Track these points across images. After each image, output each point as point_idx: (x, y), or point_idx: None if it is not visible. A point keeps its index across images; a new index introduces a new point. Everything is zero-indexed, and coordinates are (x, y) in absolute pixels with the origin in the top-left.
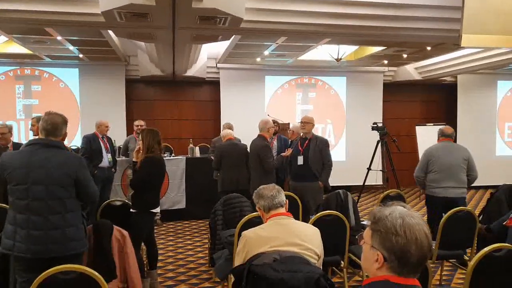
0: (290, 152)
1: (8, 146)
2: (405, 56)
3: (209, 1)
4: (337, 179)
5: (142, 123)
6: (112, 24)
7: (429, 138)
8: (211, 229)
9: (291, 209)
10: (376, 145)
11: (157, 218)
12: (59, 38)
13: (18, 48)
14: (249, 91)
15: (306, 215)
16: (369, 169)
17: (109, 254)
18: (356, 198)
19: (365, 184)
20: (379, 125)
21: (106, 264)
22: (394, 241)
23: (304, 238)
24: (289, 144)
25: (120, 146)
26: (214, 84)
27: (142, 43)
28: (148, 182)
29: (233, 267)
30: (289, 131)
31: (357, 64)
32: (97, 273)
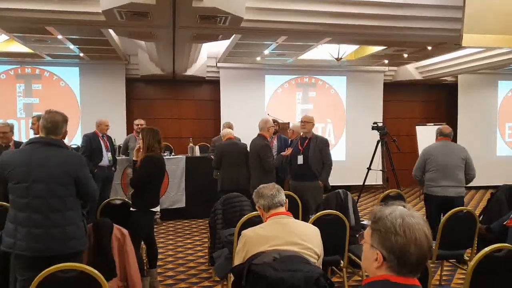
0: (290, 152)
1: (10, 145)
2: (406, 56)
3: (210, 0)
4: (337, 179)
5: (142, 122)
6: (113, 23)
7: (430, 138)
8: (211, 228)
9: (291, 209)
10: (376, 145)
11: (157, 217)
12: (60, 37)
13: (19, 47)
14: (249, 90)
15: (306, 215)
16: (369, 169)
17: (109, 253)
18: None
19: (365, 184)
20: (379, 125)
21: (106, 263)
22: (394, 241)
23: (304, 238)
24: (289, 144)
25: (120, 145)
26: (214, 83)
27: (143, 42)
28: (148, 181)
29: (233, 266)
30: (289, 131)
31: (358, 64)
32: (97, 272)
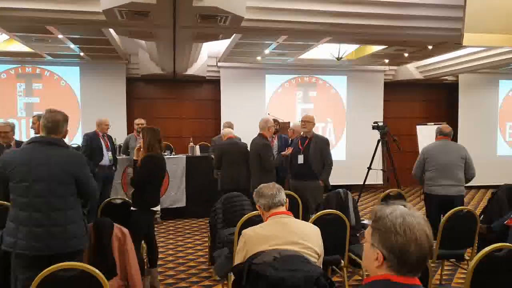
0: (290, 151)
1: (11, 145)
2: (406, 55)
3: (210, 0)
4: (338, 178)
5: (143, 122)
6: (113, 23)
7: (430, 138)
8: (211, 228)
9: (291, 208)
10: (377, 144)
11: (157, 216)
12: (60, 37)
13: (20, 46)
14: (250, 90)
15: (306, 214)
16: (370, 168)
17: (110, 252)
18: (356, 197)
19: (366, 184)
20: (380, 124)
21: (106, 262)
22: (394, 240)
23: (304, 237)
24: (290, 143)
25: (121, 145)
26: (215, 83)
27: (143, 42)
28: (149, 181)
29: (233, 266)
30: (290, 130)
31: (358, 63)
32: (98, 271)
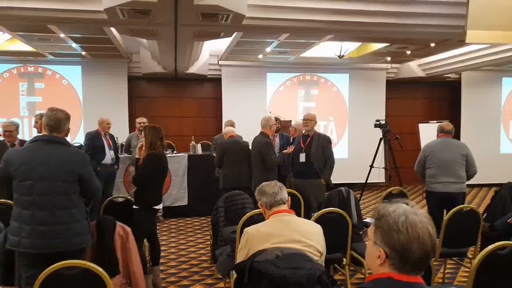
0: (292, 149)
1: (15, 143)
2: (409, 53)
3: None
4: (340, 177)
5: (144, 120)
6: (115, 21)
7: (432, 136)
8: (213, 226)
9: (293, 206)
10: (379, 143)
11: (159, 215)
12: (62, 36)
13: (22, 46)
14: (251, 88)
15: (308, 212)
16: (372, 167)
17: (112, 250)
18: (359, 196)
19: (368, 182)
20: (382, 123)
21: (109, 260)
22: (396, 238)
23: (306, 235)
24: (291, 141)
25: (123, 143)
26: (216, 81)
27: (144, 40)
28: (151, 179)
29: (235, 264)
30: (291, 128)
31: (360, 61)
32: (101, 269)
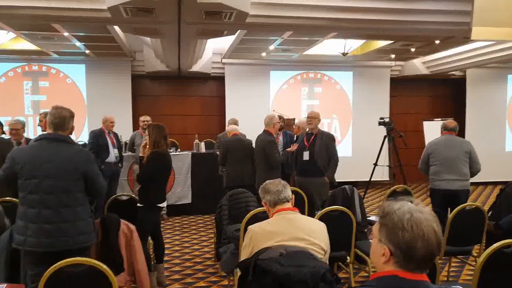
0: (296, 147)
1: (21, 142)
2: (413, 50)
3: None
4: (343, 175)
5: (148, 119)
6: (118, 20)
7: (437, 134)
8: (217, 224)
9: (297, 204)
10: (383, 141)
11: (163, 213)
12: (66, 34)
13: (26, 45)
14: (254, 87)
15: (312, 211)
16: (376, 165)
17: (117, 248)
18: (363, 194)
19: (372, 180)
20: (386, 120)
21: (114, 258)
22: (400, 236)
23: (310, 233)
24: (295, 140)
25: (127, 142)
26: (219, 80)
27: (148, 39)
28: (155, 177)
29: (239, 261)
30: (295, 127)
31: (364, 59)
32: (106, 267)
